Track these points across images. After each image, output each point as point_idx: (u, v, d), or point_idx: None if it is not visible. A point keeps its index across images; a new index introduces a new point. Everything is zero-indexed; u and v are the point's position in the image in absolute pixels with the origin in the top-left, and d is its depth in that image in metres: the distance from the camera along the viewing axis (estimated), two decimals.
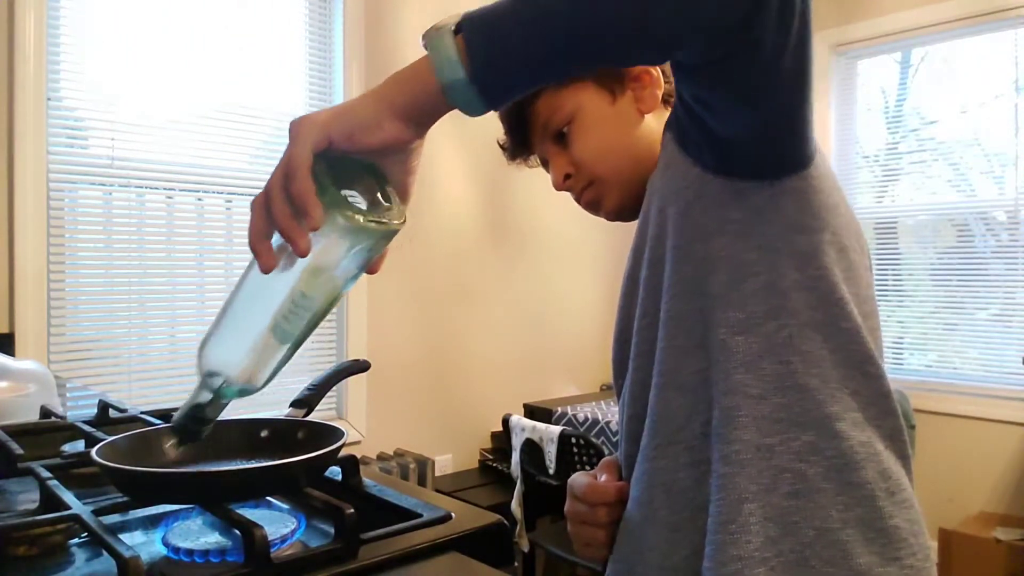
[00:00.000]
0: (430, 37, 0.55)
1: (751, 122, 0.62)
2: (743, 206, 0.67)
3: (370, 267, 0.60)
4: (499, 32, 0.54)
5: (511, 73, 0.55)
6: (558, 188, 0.84)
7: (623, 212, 0.84)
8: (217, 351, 0.58)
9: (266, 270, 0.53)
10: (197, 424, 0.62)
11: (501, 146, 0.88)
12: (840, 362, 0.67)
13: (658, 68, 0.81)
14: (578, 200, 0.85)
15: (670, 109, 0.83)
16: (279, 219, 0.52)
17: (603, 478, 0.81)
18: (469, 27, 0.54)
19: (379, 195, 0.58)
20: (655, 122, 0.81)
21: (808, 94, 0.61)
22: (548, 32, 0.54)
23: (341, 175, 0.56)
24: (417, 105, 0.56)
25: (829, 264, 0.68)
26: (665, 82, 0.81)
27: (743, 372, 0.67)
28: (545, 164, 0.87)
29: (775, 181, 0.67)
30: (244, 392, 0.60)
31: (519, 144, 0.85)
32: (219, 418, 0.63)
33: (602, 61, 0.59)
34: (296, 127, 0.54)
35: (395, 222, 0.57)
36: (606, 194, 0.82)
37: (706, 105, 0.63)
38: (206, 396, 0.60)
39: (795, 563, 0.64)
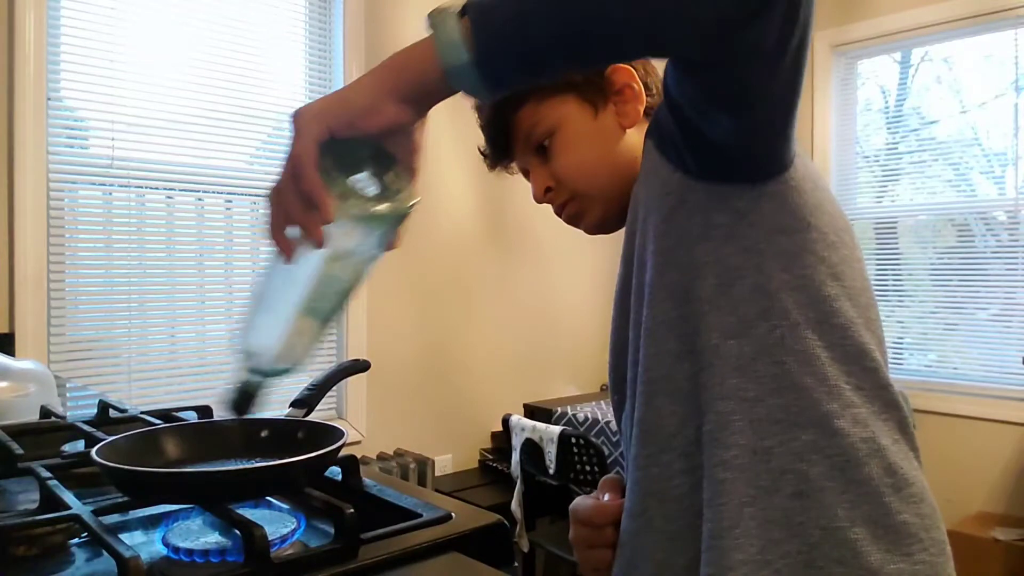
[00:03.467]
0: (434, 18, 0.55)
1: (743, 125, 0.62)
2: (726, 210, 0.67)
3: (389, 244, 0.61)
4: (499, 16, 0.54)
5: (509, 60, 0.55)
6: (539, 201, 0.84)
7: (604, 226, 0.84)
8: (254, 335, 0.61)
9: (286, 261, 0.56)
10: (245, 401, 0.65)
11: (482, 153, 0.86)
12: (837, 359, 0.67)
13: (640, 82, 0.80)
14: (558, 213, 0.85)
15: None
16: (293, 215, 0.55)
17: (606, 497, 0.80)
18: (474, 9, 0.54)
19: (387, 177, 0.59)
20: (637, 136, 0.80)
21: (798, 99, 0.61)
22: (549, 18, 0.53)
23: (348, 161, 0.57)
24: (417, 87, 0.57)
25: (815, 263, 0.68)
26: (647, 96, 0.81)
27: (737, 376, 0.66)
28: (526, 174, 0.86)
29: (756, 184, 0.67)
30: (286, 371, 0.62)
31: (500, 154, 0.85)
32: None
33: (602, 55, 0.58)
34: (297, 121, 0.55)
35: (406, 204, 0.58)
36: (587, 209, 0.82)
37: (698, 108, 0.63)
38: (249, 376, 0.63)
39: (802, 564, 0.63)
